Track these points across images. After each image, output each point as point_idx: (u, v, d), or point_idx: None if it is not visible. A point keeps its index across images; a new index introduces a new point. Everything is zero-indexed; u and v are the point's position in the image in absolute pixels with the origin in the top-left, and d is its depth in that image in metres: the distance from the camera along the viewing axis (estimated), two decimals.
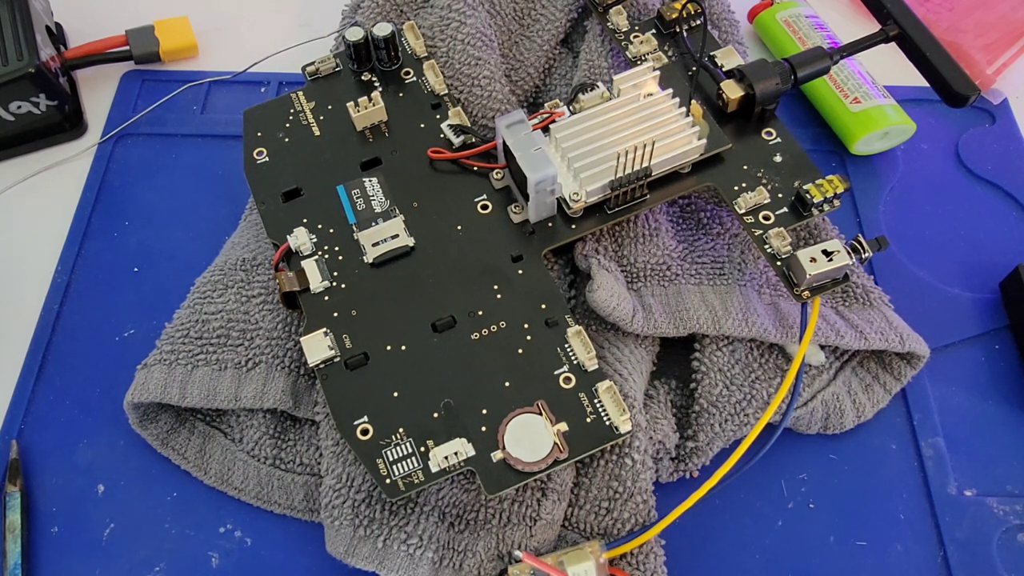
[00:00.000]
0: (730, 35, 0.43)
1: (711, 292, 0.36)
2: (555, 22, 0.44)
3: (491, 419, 0.32)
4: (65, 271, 0.41)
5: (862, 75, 0.44)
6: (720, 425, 0.35)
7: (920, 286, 0.40)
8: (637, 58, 0.40)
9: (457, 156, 0.38)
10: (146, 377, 0.35)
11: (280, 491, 0.35)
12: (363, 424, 0.32)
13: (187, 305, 0.37)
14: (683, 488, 0.35)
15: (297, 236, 0.36)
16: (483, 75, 0.40)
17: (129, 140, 0.46)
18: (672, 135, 0.35)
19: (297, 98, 0.40)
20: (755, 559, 0.34)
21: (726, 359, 0.36)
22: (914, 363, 0.36)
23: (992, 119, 0.46)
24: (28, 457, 0.37)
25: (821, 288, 0.33)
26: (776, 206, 0.35)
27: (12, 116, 0.43)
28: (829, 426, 0.36)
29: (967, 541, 0.34)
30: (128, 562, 0.34)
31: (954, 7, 0.48)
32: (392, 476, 0.31)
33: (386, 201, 0.37)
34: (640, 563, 0.32)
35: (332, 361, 0.33)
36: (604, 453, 0.33)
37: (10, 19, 0.43)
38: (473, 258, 0.36)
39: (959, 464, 0.36)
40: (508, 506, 0.32)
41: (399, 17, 0.44)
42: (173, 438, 0.36)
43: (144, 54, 0.47)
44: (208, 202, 0.43)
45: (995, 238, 0.42)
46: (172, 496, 0.36)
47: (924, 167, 0.44)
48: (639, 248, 0.36)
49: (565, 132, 0.36)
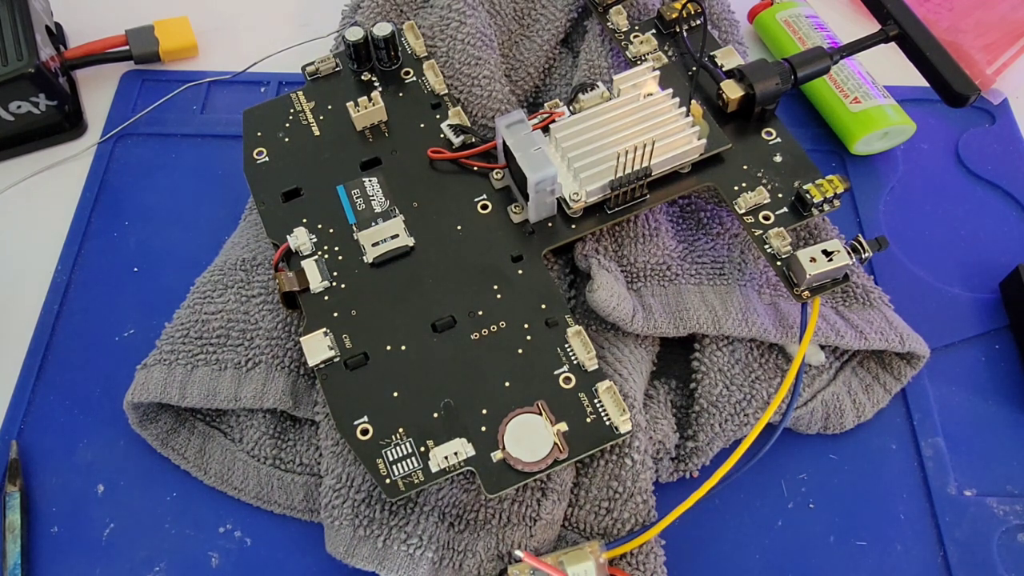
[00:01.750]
0: (730, 35, 0.43)
1: (711, 292, 0.36)
2: (555, 22, 0.44)
3: (491, 419, 0.32)
4: (65, 271, 0.41)
5: (862, 75, 0.44)
6: (720, 425, 0.35)
7: (920, 286, 0.40)
8: (637, 58, 0.40)
9: (457, 156, 0.38)
10: (146, 377, 0.35)
11: (280, 491, 0.35)
12: (363, 424, 0.32)
13: (187, 305, 0.37)
14: (683, 488, 0.35)
15: (297, 236, 0.36)
16: (483, 75, 0.40)
17: (129, 140, 0.45)
18: (672, 135, 0.35)
19: (297, 98, 0.40)
20: (755, 559, 0.34)
21: (726, 359, 0.36)
22: (914, 363, 0.36)
23: (992, 119, 0.46)
24: (28, 457, 0.37)
25: (821, 288, 0.33)
26: (776, 206, 0.35)
27: (12, 116, 0.43)
28: (829, 426, 0.36)
29: (967, 541, 0.34)
30: (128, 562, 0.34)
31: (954, 7, 0.48)
32: (392, 476, 0.31)
33: (386, 201, 0.37)
34: (640, 563, 0.32)
35: (332, 361, 0.33)
36: (604, 453, 0.33)
37: (10, 19, 0.43)
38: (473, 258, 0.36)
39: (959, 464, 0.36)
40: (508, 506, 0.32)
41: (399, 17, 0.44)
42: (173, 438, 0.36)
43: (144, 54, 0.47)
44: (208, 202, 0.43)
45: (995, 238, 0.42)
46: (172, 496, 0.36)
47: (924, 167, 0.44)
48: (639, 248, 0.36)
49: (565, 132, 0.36)
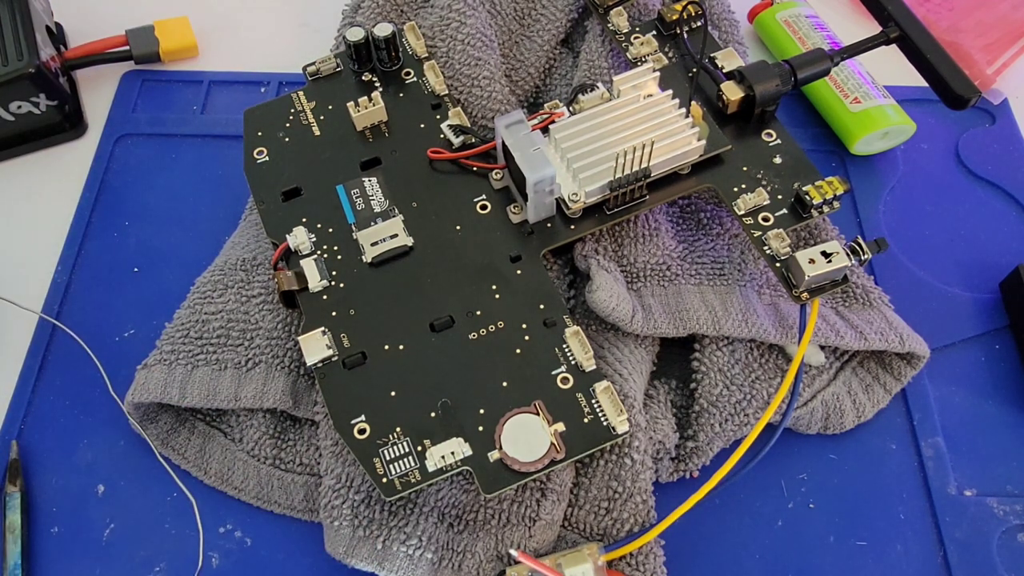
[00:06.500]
0: (730, 35, 0.43)
1: (711, 292, 0.36)
2: (555, 22, 0.44)
3: (488, 419, 0.32)
4: (65, 271, 0.41)
5: (862, 75, 0.44)
6: (720, 425, 0.35)
7: (920, 286, 0.40)
8: (637, 59, 0.40)
9: (457, 156, 0.38)
10: (146, 377, 0.35)
11: (280, 491, 0.35)
12: (360, 423, 0.32)
13: (187, 305, 0.37)
14: (683, 488, 0.35)
15: (296, 235, 0.36)
16: (483, 75, 0.40)
17: (129, 140, 0.46)
18: (672, 136, 0.35)
19: (297, 98, 0.40)
20: (755, 559, 0.34)
21: (726, 359, 0.36)
22: (914, 363, 0.36)
23: (992, 119, 0.46)
24: (28, 457, 0.37)
25: (820, 289, 0.33)
26: (776, 207, 0.35)
27: (12, 116, 0.43)
28: (829, 426, 0.36)
29: (967, 541, 0.34)
30: (128, 562, 0.34)
31: (954, 7, 0.48)
32: (389, 475, 0.31)
33: (385, 201, 0.37)
34: (640, 563, 0.32)
35: (330, 360, 0.33)
36: (604, 453, 0.33)
37: (10, 19, 0.43)
38: (472, 258, 0.36)
39: (959, 464, 0.36)
40: (507, 507, 0.32)
41: (399, 17, 0.44)
42: (173, 438, 0.36)
43: (144, 54, 0.47)
44: (208, 202, 0.43)
45: (995, 238, 0.42)
46: (172, 496, 0.36)
47: (924, 167, 0.44)
48: (639, 248, 0.36)
49: (564, 132, 0.36)
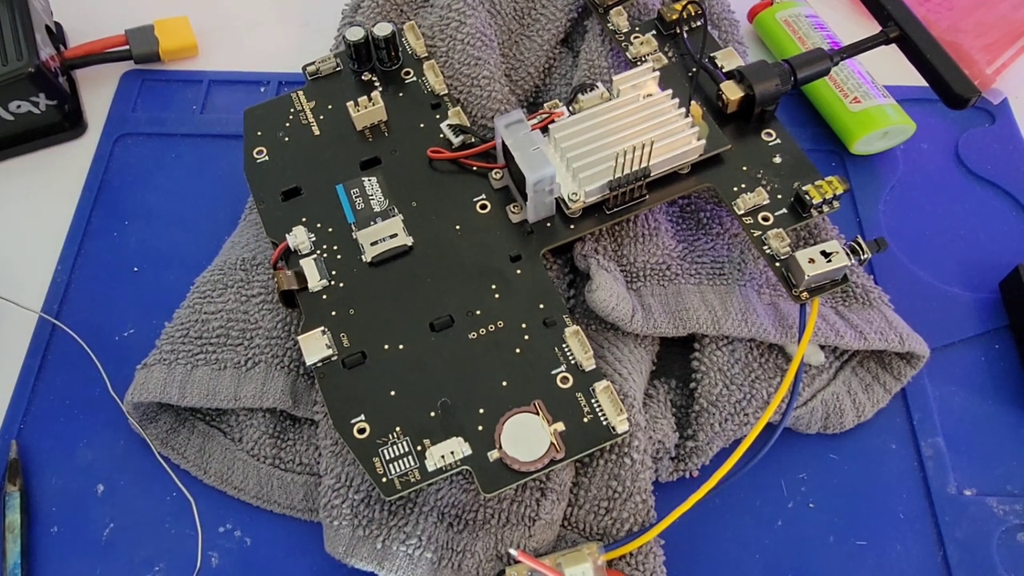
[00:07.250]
0: (730, 35, 0.43)
1: (711, 292, 0.36)
2: (555, 22, 0.44)
3: (488, 418, 0.32)
4: (65, 271, 0.41)
5: (862, 75, 0.44)
6: (720, 425, 0.35)
7: (920, 286, 0.40)
8: (637, 59, 0.40)
9: (456, 156, 0.38)
10: (146, 377, 0.35)
11: (280, 491, 0.35)
12: (360, 423, 0.32)
13: (187, 305, 0.37)
14: (683, 488, 0.35)
15: (296, 235, 0.36)
16: (483, 75, 0.40)
17: (129, 140, 0.46)
18: (671, 136, 0.35)
19: (297, 97, 0.40)
20: (755, 559, 0.34)
21: (726, 359, 0.36)
22: (914, 363, 0.36)
23: (992, 119, 0.46)
24: (28, 457, 0.37)
25: (820, 289, 0.33)
26: (775, 207, 0.35)
27: (12, 116, 0.43)
28: (829, 426, 0.36)
29: (967, 541, 0.34)
30: (128, 562, 0.34)
31: (954, 7, 0.48)
32: (388, 475, 0.31)
33: (385, 200, 0.37)
34: (639, 563, 0.32)
35: (329, 360, 0.33)
36: (603, 453, 0.33)
37: (10, 19, 0.43)
38: (471, 258, 0.36)
39: (959, 464, 0.36)
40: (507, 506, 0.32)
41: (399, 17, 0.44)
42: (173, 438, 0.36)
43: (144, 54, 0.47)
44: (208, 202, 0.43)
45: (995, 238, 0.42)
46: (172, 496, 0.36)
47: (924, 167, 0.44)
48: (639, 248, 0.36)
49: (564, 132, 0.36)
